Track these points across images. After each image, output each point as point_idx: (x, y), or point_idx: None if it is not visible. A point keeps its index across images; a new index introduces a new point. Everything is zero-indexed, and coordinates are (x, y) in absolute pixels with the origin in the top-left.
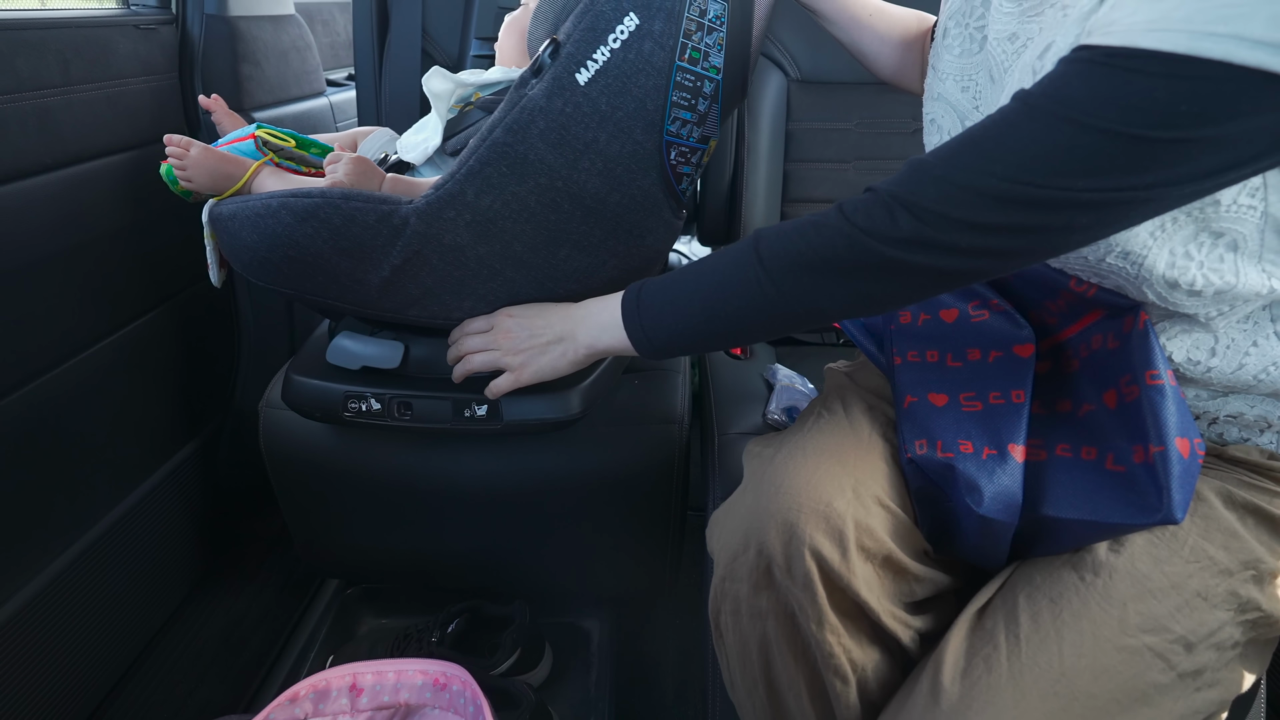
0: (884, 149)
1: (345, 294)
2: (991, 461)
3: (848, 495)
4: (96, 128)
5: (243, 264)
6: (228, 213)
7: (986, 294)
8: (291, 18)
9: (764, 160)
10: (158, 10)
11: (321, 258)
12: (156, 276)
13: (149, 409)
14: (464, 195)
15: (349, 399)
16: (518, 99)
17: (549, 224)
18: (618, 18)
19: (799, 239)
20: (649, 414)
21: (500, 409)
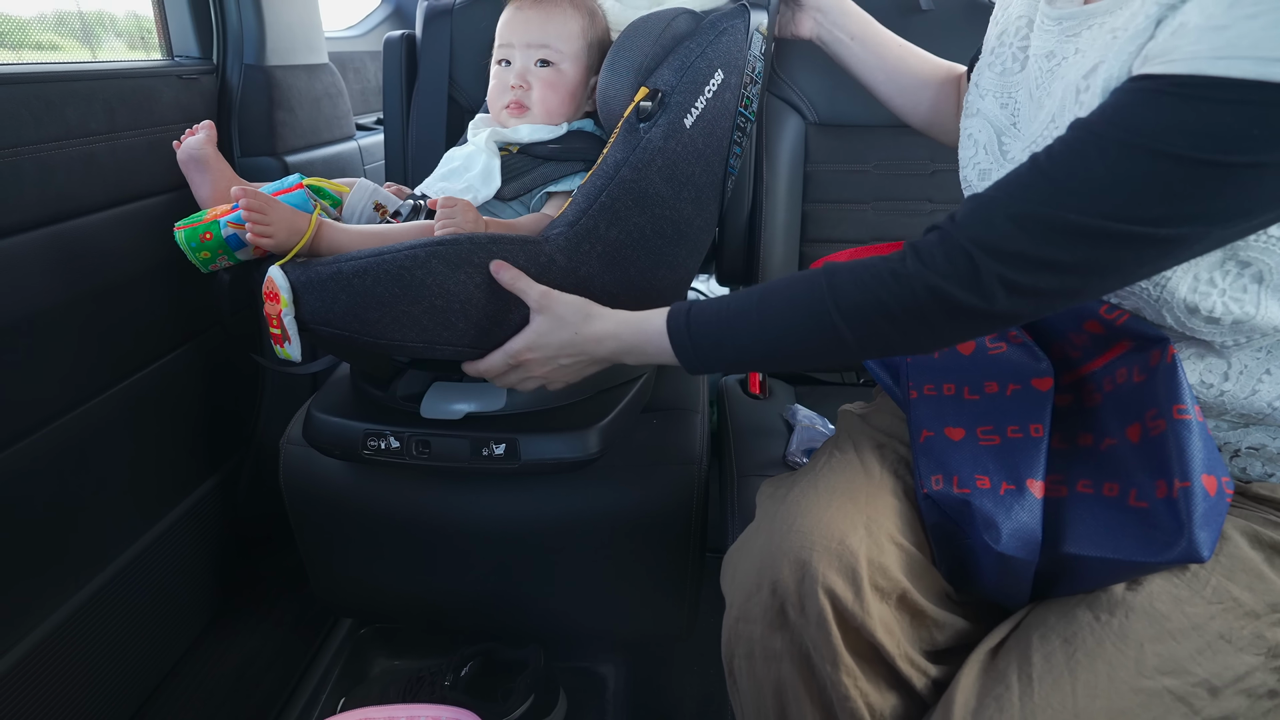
0: (902, 190)
1: (482, 338)
2: (1010, 497)
3: (860, 532)
4: (138, 171)
5: (339, 324)
6: (328, 273)
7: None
8: (325, 66)
9: (782, 201)
10: (199, 61)
11: (470, 303)
12: (184, 313)
13: (172, 445)
14: (598, 229)
15: (368, 437)
16: (636, 141)
17: (656, 249)
18: (711, 73)
19: (879, 288)
20: (667, 454)
21: (518, 448)
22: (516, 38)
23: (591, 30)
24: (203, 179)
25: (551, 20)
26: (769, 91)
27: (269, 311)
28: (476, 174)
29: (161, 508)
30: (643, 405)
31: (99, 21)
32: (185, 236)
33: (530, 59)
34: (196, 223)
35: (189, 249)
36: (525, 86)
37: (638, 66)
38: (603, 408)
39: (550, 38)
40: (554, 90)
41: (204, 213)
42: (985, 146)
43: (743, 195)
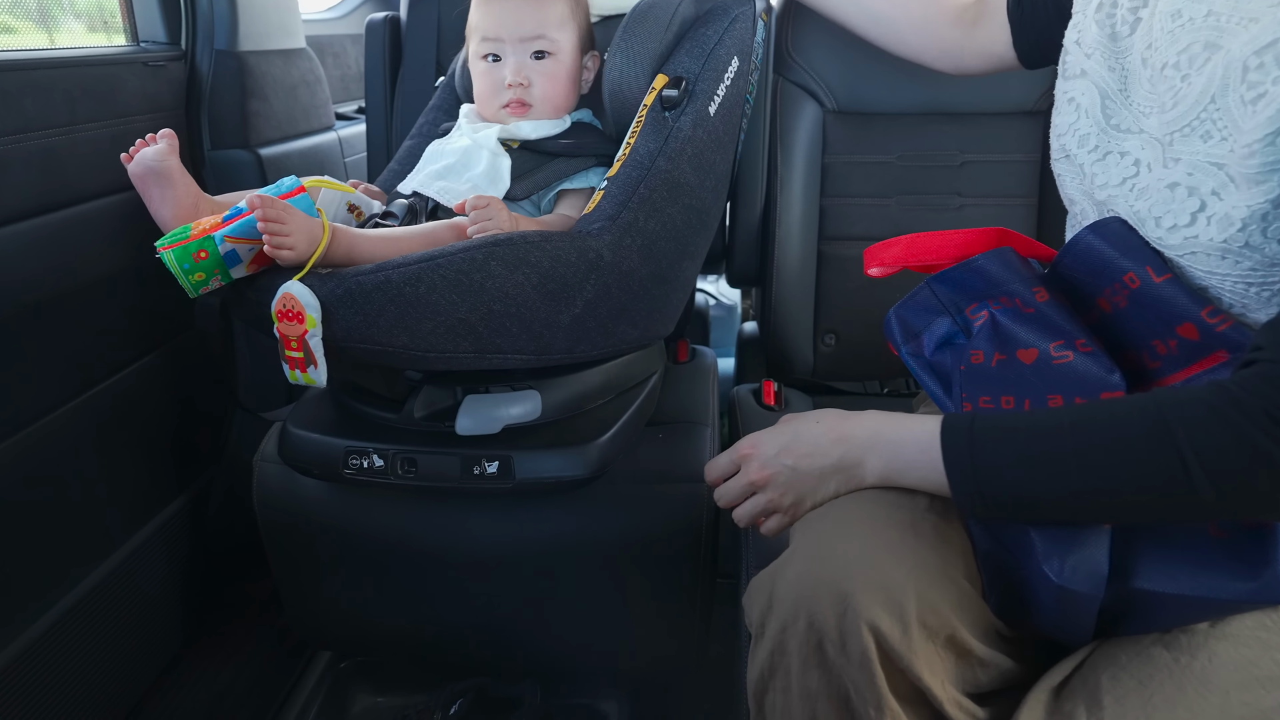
0: (928, 183)
1: (533, 343)
2: (1074, 525)
3: (907, 564)
4: (99, 167)
5: (383, 339)
6: (373, 284)
7: (1073, 331)
8: (302, 51)
9: (798, 196)
10: (167, 47)
11: (526, 306)
12: (151, 320)
13: (136, 462)
14: (637, 222)
15: (350, 455)
16: (665, 130)
17: (684, 239)
18: (728, 59)
19: (1269, 441)
20: (675, 471)
21: (512, 466)
22: (506, 31)
23: (578, 8)
24: (165, 195)
25: (542, 7)
26: (783, 77)
27: (285, 333)
28: (481, 173)
29: (125, 530)
30: (647, 418)
31: (57, 2)
32: (176, 256)
33: (525, 53)
34: (185, 239)
35: (180, 271)
36: (525, 84)
37: (653, 54)
38: (604, 421)
39: (544, 27)
40: (555, 83)
41: (187, 228)
42: (1088, 111)
43: (755, 190)
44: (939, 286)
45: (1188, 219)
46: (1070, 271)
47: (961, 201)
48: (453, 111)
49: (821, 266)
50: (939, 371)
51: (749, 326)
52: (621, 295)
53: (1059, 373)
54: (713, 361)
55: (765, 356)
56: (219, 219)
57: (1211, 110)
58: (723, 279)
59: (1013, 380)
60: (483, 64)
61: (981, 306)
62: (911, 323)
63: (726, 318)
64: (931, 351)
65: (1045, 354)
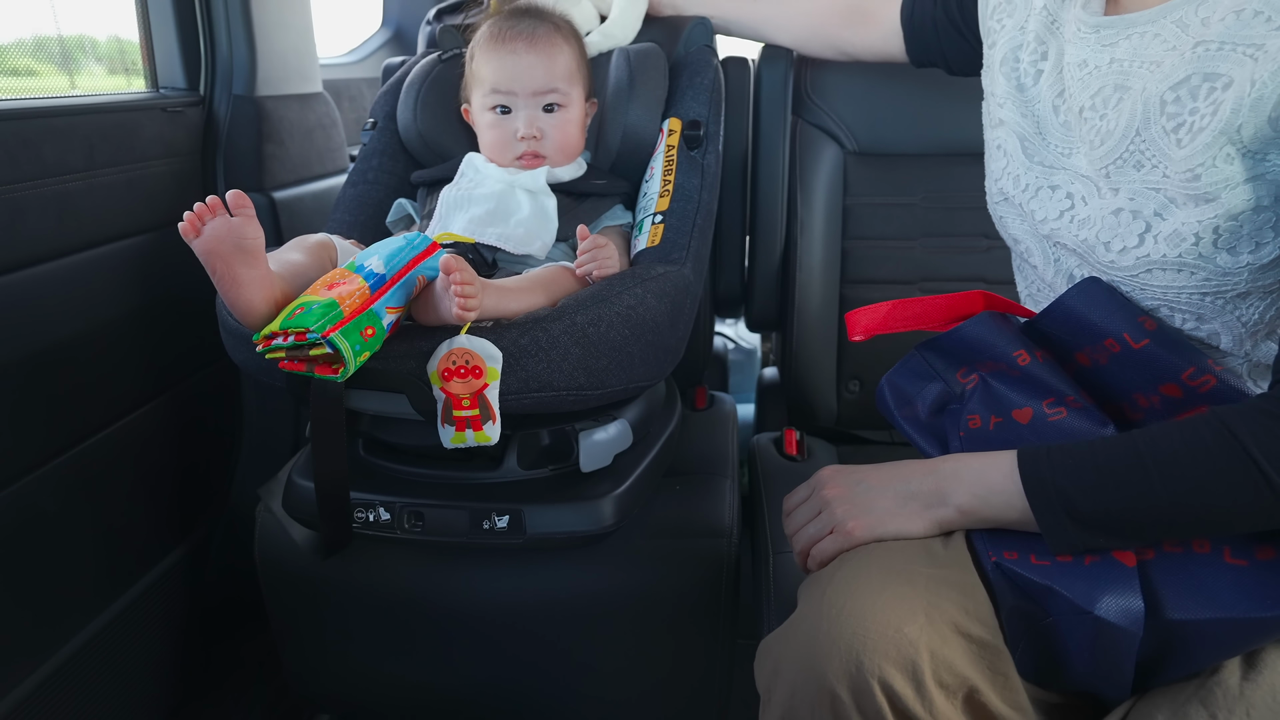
0: (954, 225)
1: (666, 366)
2: (1098, 568)
3: (920, 620)
4: (115, 211)
5: (560, 383)
6: (560, 330)
7: (1062, 389)
8: (319, 96)
9: (819, 238)
10: (185, 93)
11: (661, 333)
12: (159, 364)
13: (136, 511)
14: (699, 250)
15: (356, 508)
16: (698, 167)
17: (709, 263)
18: (722, 103)
19: None
20: (693, 525)
21: (523, 520)
22: (519, 86)
23: (582, 53)
24: (252, 277)
25: (553, 62)
26: (802, 119)
27: (456, 391)
28: (528, 216)
29: (121, 584)
30: (665, 468)
31: (79, 47)
32: (350, 340)
33: (536, 106)
34: (340, 319)
35: (353, 357)
36: (538, 136)
37: (661, 100)
38: (619, 473)
39: (554, 80)
40: (566, 133)
41: (315, 306)
42: (1013, 155)
43: (774, 232)
44: (928, 354)
45: (1136, 240)
46: (1049, 329)
47: (988, 243)
48: (398, 156)
49: (844, 310)
50: (935, 434)
51: (769, 372)
52: (688, 320)
53: (1056, 430)
54: (732, 409)
55: (786, 403)
56: (342, 285)
57: (1138, 142)
58: (742, 323)
59: (1012, 441)
60: (491, 115)
61: (971, 371)
62: (904, 389)
63: (746, 363)
64: (927, 416)
65: (1040, 413)
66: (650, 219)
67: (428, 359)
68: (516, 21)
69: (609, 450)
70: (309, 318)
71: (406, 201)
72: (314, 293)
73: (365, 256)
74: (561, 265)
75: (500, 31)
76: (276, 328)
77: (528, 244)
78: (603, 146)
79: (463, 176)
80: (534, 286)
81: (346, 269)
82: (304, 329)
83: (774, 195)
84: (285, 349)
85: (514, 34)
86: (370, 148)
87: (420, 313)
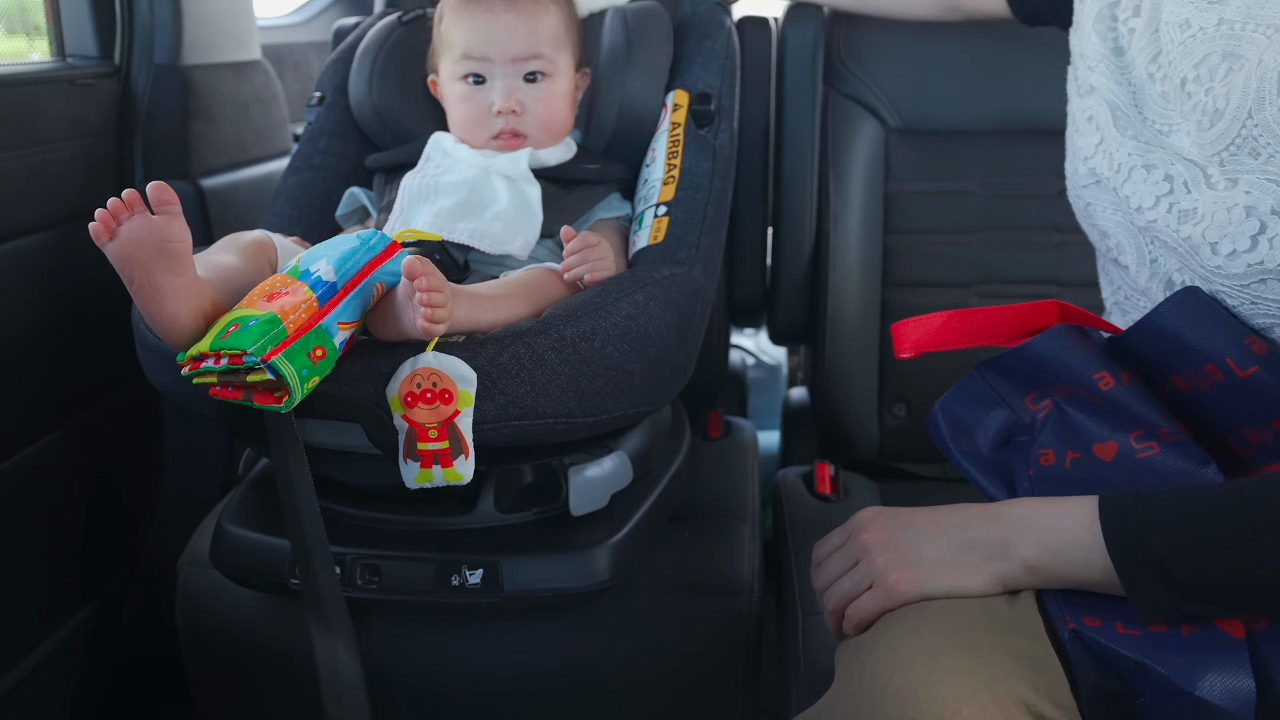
0: (1018, 215)
1: (671, 388)
2: (1199, 641)
3: (982, 699)
4: (10, 202)
5: (547, 410)
6: (546, 345)
7: (1154, 420)
8: (257, 64)
9: (856, 233)
10: (97, 62)
11: (666, 348)
12: (61, 388)
13: (33, 564)
14: (710, 248)
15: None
16: (709, 149)
17: (721, 258)
18: (736, 72)
19: None
20: (705, 581)
21: (500, 575)
22: (495, 50)
23: (572, 14)
24: (175, 286)
25: (537, 22)
26: (835, 90)
27: (421, 420)
28: (506, 207)
29: (12, 653)
30: (670, 511)
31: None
32: (295, 364)
33: (516, 75)
34: (283, 340)
35: (299, 384)
36: (518, 111)
37: (664, 69)
38: (616, 517)
39: (538, 44)
40: (552, 108)
41: (252, 323)
42: (1105, 128)
43: (802, 225)
44: (991, 375)
45: (1248, 243)
46: (1139, 348)
47: (1061, 238)
48: (349, 137)
49: (887, 319)
50: (1001, 472)
51: (797, 393)
52: (702, 327)
53: (1146, 469)
54: (751, 437)
55: (818, 431)
56: (285, 295)
57: (1250, 126)
58: (763, 333)
59: (1093, 481)
60: (462, 86)
61: (1043, 396)
62: (962, 417)
63: (768, 381)
64: (990, 449)
65: (1126, 448)
66: (652, 211)
67: (387, 381)
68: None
69: (604, 489)
70: (245, 337)
71: (360, 191)
72: (250, 305)
73: (311, 259)
74: (546, 267)
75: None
76: (206, 348)
77: (506, 242)
78: (595, 124)
79: (428, 161)
80: (514, 293)
81: (289, 275)
82: (240, 350)
83: (801, 181)
84: (217, 373)
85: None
86: (316, 127)
87: (378, 326)
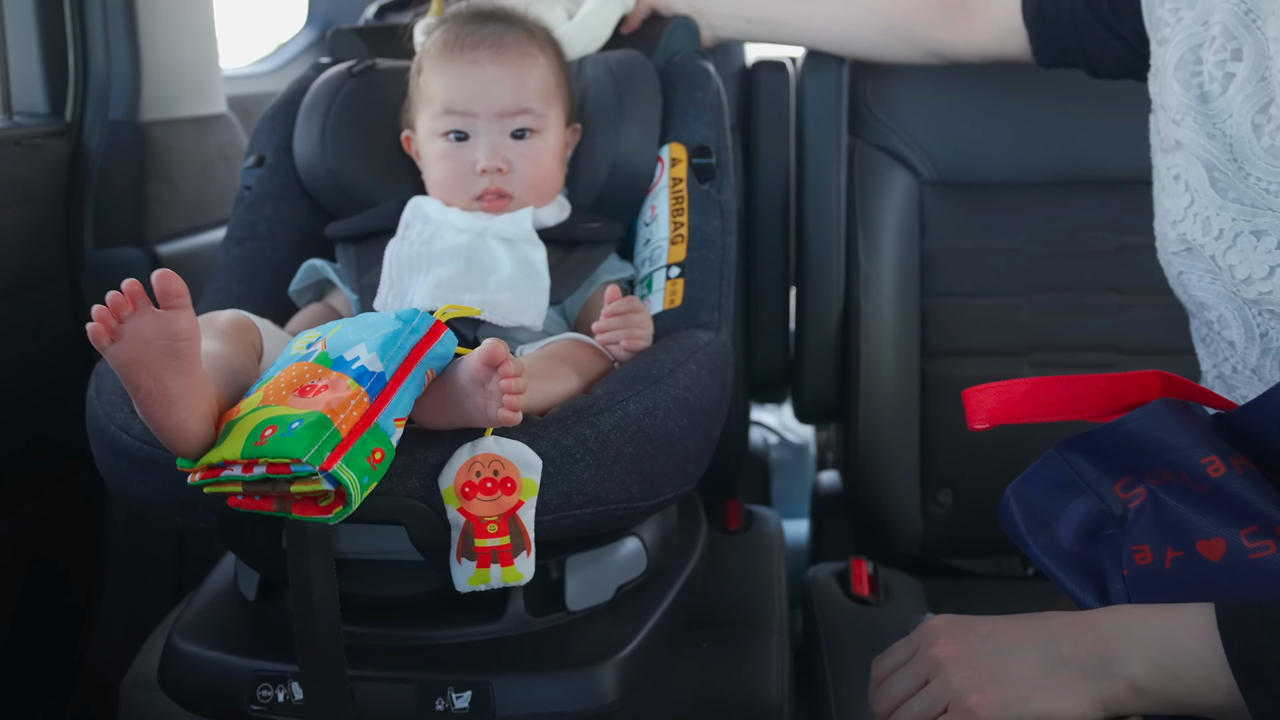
0: (1071, 275)
1: (705, 465)
2: None
3: None
4: None
5: (609, 495)
6: (610, 424)
7: (1271, 514)
8: (221, 118)
9: (889, 296)
10: (48, 120)
11: (716, 421)
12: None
13: None
14: (729, 310)
15: (260, 683)
16: (715, 204)
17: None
18: (728, 124)
19: None
20: (727, 701)
21: (491, 697)
22: (480, 104)
23: (562, 67)
24: (186, 389)
25: (525, 74)
26: (861, 139)
27: (481, 513)
28: (510, 274)
29: None
30: (687, 619)
31: None
32: (356, 471)
33: (502, 131)
34: (336, 445)
35: (359, 492)
36: (504, 170)
37: (657, 120)
38: (623, 626)
39: (526, 99)
40: (541, 166)
41: (296, 426)
42: (1198, 189)
43: (829, 289)
44: (1074, 456)
45: None
46: (1255, 428)
47: (1121, 300)
48: (296, 203)
49: (927, 393)
50: (1087, 569)
51: (827, 477)
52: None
53: (1261, 571)
54: (777, 529)
55: (853, 521)
56: (325, 390)
57: None
58: (787, 409)
59: (1198, 584)
60: (442, 143)
61: (1135, 482)
62: (1039, 505)
63: (794, 463)
64: (1072, 543)
65: (1237, 546)
66: (662, 272)
67: (435, 474)
68: (479, 26)
69: (609, 579)
70: (294, 444)
71: (322, 263)
72: (281, 402)
73: (344, 345)
74: (575, 338)
75: (457, 38)
76: (236, 455)
77: (519, 312)
78: (583, 180)
79: (408, 228)
80: (558, 369)
81: (318, 364)
82: (288, 459)
83: (827, 240)
84: (244, 481)
85: (475, 40)
86: (259, 192)
87: (429, 415)
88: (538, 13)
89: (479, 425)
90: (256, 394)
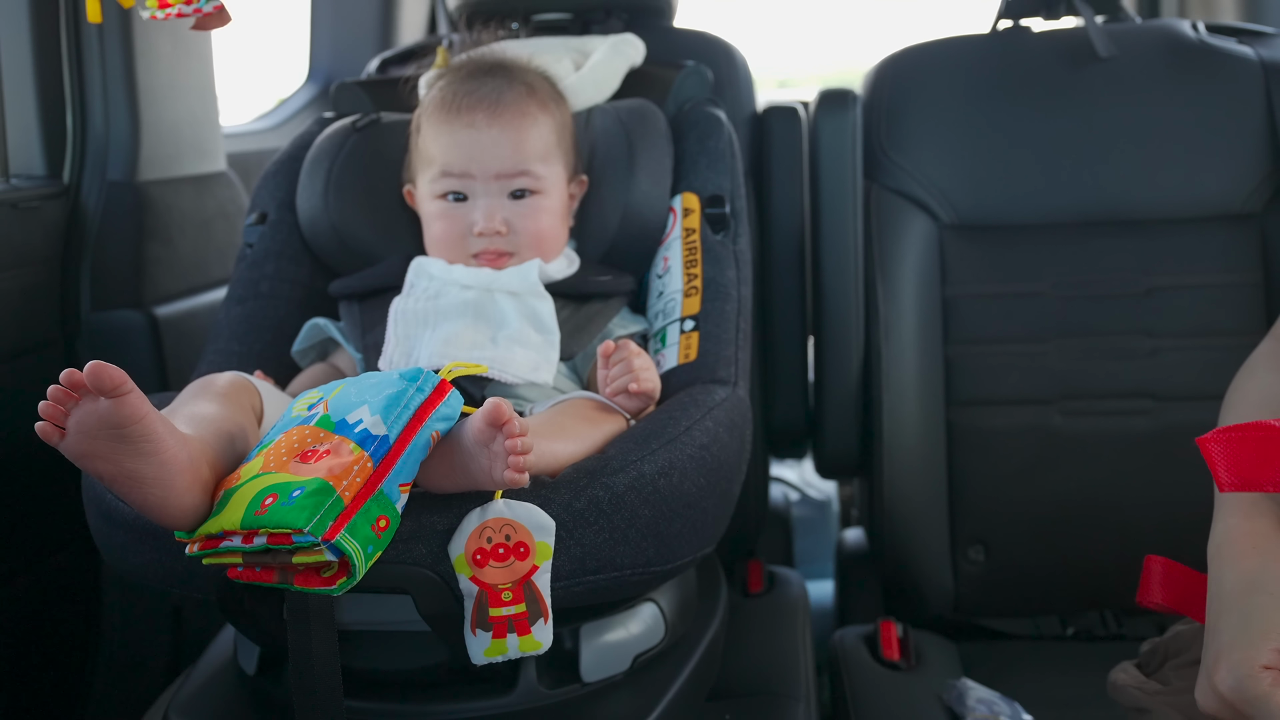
0: (1100, 319)
1: (724, 526)
2: None
3: None
4: None
5: (625, 560)
6: (624, 485)
7: None
8: (221, 176)
9: (911, 344)
10: (45, 182)
11: (734, 481)
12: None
13: None
14: (746, 363)
15: None
16: (730, 255)
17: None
18: (741, 172)
19: None
20: None
21: None
22: (477, 167)
23: (564, 122)
24: (160, 467)
25: (523, 136)
26: (878, 184)
27: (494, 580)
28: (518, 329)
29: None
30: (708, 689)
31: None
32: (360, 542)
33: (501, 193)
34: (338, 512)
35: (363, 563)
36: (502, 231)
37: (669, 170)
38: (641, 698)
39: (525, 160)
40: (541, 224)
41: (298, 494)
42: None
43: (848, 338)
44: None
45: None
46: None
47: (1154, 343)
48: (299, 260)
49: (955, 444)
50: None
51: (852, 535)
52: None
53: None
54: (801, 591)
55: (880, 581)
56: (326, 455)
57: None
58: (808, 463)
59: None
60: (440, 204)
61: None
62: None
63: (817, 521)
64: None
65: None
66: (676, 326)
67: (444, 541)
68: (477, 84)
69: (625, 648)
70: (295, 513)
71: (326, 322)
72: (281, 468)
73: (346, 407)
74: (586, 396)
75: (454, 97)
76: (234, 525)
77: (530, 369)
78: (593, 231)
79: (413, 287)
80: (569, 427)
81: (319, 427)
82: (289, 529)
83: (845, 288)
84: (244, 552)
85: (472, 101)
86: (261, 249)
87: (434, 478)
88: (543, 64)
89: (485, 488)
90: (256, 459)
